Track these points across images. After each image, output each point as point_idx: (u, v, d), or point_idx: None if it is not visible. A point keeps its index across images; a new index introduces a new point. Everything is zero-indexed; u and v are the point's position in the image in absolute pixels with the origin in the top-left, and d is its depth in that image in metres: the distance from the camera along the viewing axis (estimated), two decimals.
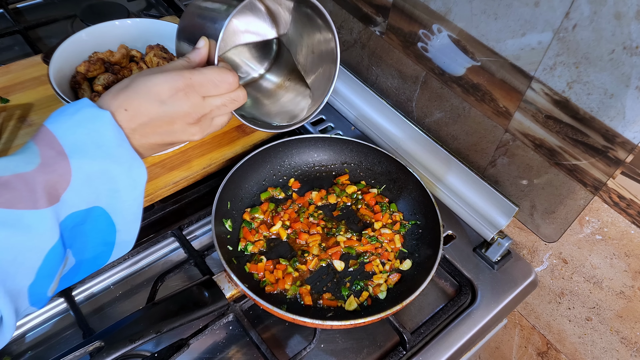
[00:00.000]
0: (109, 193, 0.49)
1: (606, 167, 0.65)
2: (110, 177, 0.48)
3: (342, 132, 0.99)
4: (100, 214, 0.49)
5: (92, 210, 0.48)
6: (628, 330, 0.76)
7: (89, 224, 0.49)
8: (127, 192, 0.50)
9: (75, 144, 0.46)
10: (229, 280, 0.65)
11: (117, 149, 0.48)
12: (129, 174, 0.49)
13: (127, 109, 0.50)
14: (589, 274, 0.77)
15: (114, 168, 0.48)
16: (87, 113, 0.48)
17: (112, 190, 0.49)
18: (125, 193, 0.50)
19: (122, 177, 0.49)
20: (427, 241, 0.76)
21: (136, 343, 0.57)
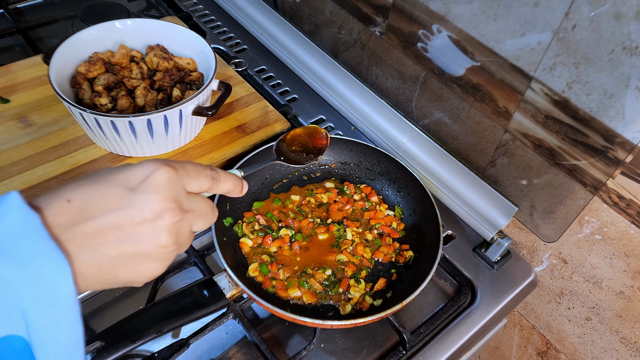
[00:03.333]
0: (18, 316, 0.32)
1: (606, 167, 0.65)
2: (8, 285, 0.31)
3: (342, 132, 0.99)
4: (19, 344, 0.32)
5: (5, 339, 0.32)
6: (628, 330, 0.76)
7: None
8: (40, 310, 0.32)
9: None
10: (229, 280, 0.65)
11: (15, 242, 0.31)
12: (38, 281, 0.31)
13: (71, 200, 0.35)
14: (588, 273, 0.77)
15: (11, 272, 0.31)
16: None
17: (14, 306, 0.31)
18: (37, 311, 0.32)
19: (22, 285, 0.31)
20: (426, 241, 0.76)
21: (136, 343, 0.57)
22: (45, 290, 0.32)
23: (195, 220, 0.42)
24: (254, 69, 1.09)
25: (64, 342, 0.33)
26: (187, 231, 0.41)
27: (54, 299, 0.32)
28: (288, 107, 1.00)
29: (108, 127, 0.73)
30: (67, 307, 0.33)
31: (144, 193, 0.37)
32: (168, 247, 0.39)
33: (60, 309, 0.33)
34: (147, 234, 0.37)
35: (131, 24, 0.87)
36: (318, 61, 1.05)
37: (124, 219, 0.36)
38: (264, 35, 1.15)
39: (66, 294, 0.33)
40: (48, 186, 0.74)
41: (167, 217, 0.38)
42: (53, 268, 0.32)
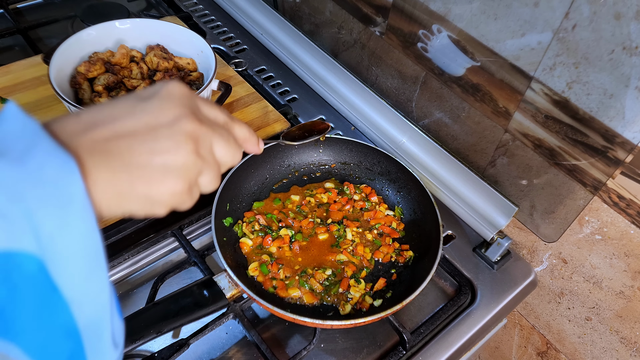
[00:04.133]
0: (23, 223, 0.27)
1: (606, 167, 0.65)
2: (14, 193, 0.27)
3: (342, 132, 0.99)
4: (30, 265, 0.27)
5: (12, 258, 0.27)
6: (628, 330, 0.76)
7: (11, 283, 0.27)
8: (48, 211, 0.27)
9: None
10: (229, 280, 0.65)
11: (13, 142, 0.28)
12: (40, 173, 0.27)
13: (80, 114, 0.33)
14: (588, 273, 0.77)
15: (8, 170, 0.27)
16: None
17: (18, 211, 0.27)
18: (45, 212, 0.27)
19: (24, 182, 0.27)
20: (426, 241, 0.76)
21: (136, 343, 0.57)
22: (50, 188, 0.27)
23: (216, 140, 0.38)
24: (254, 69, 1.09)
25: (82, 252, 0.29)
26: (208, 146, 0.37)
27: (62, 197, 0.28)
28: (288, 107, 1.00)
29: None
30: (78, 208, 0.28)
31: (158, 100, 0.35)
32: (188, 155, 0.35)
33: (71, 210, 0.28)
34: (164, 138, 0.34)
35: (131, 24, 0.87)
36: (318, 61, 1.05)
37: (138, 124, 0.33)
38: (264, 35, 1.15)
39: (75, 191, 0.28)
40: None
41: (185, 122, 0.35)
42: (57, 164, 0.28)
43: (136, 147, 0.33)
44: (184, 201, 0.36)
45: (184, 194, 0.36)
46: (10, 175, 0.27)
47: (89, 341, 0.31)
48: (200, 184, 0.38)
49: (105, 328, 0.32)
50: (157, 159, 0.33)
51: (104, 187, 0.31)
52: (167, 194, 0.34)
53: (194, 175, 0.36)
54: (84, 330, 0.30)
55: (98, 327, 0.31)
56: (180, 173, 0.34)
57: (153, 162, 0.33)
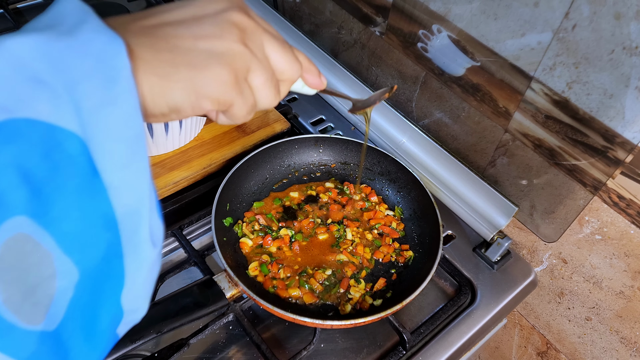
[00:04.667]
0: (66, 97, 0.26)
1: (606, 167, 0.65)
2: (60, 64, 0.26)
3: (342, 132, 0.99)
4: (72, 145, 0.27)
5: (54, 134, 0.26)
6: (628, 330, 0.76)
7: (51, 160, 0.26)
8: (93, 85, 0.27)
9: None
10: (229, 280, 0.65)
11: (63, 19, 0.28)
12: (87, 47, 0.27)
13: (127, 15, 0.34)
14: (588, 273, 0.77)
15: (52, 38, 0.26)
16: None
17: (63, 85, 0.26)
18: (89, 86, 0.27)
19: (71, 53, 0.26)
20: (426, 241, 0.77)
21: (136, 343, 0.57)
22: (96, 61, 0.27)
23: (268, 39, 0.37)
24: None
25: (124, 134, 0.28)
26: (258, 42, 0.36)
27: (107, 72, 0.27)
28: (288, 107, 1.00)
29: None
30: (123, 85, 0.28)
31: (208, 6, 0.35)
32: (233, 42, 0.34)
33: (115, 86, 0.27)
34: (209, 24, 0.34)
35: None
36: (318, 61, 1.05)
37: (185, 14, 0.34)
38: None
39: (120, 67, 0.28)
40: None
41: (232, 13, 0.35)
42: (104, 41, 0.28)
43: (181, 32, 0.33)
44: (232, 99, 0.35)
45: (231, 88, 0.34)
46: (56, 46, 0.26)
47: (126, 233, 0.30)
48: (252, 84, 0.36)
49: (143, 221, 0.30)
50: (201, 43, 0.33)
51: (148, 68, 0.31)
52: (212, 81, 0.33)
53: (241, 67, 0.35)
54: (121, 220, 0.29)
55: (136, 218, 0.30)
56: (224, 59, 0.33)
57: (197, 46, 0.33)
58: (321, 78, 0.44)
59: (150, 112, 0.32)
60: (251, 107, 0.37)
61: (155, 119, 0.33)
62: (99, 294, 0.30)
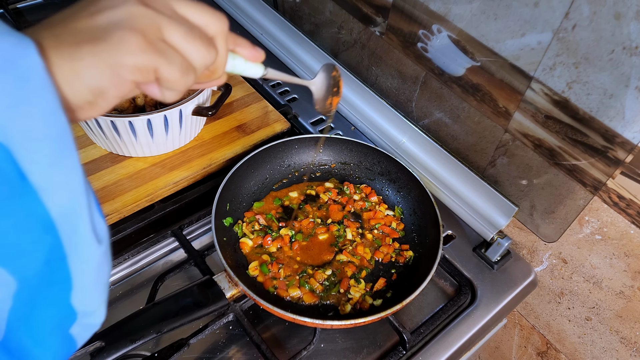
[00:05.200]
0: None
1: (606, 167, 0.65)
2: None
3: (342, 132, 0.99)
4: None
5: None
6: (628, 330, 0.76)
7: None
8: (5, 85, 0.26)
9: None
10: (229, 280, 0.65)
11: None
12: None
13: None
14: (588, 273, 0.77)
15: None
16: None
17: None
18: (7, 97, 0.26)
19: None
20: (426, 241, 0.77)
21: (136, 343, 0.57)
22: (4, 62, 0.26)
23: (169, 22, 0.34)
24: None
25: (45, 133, 0.27)
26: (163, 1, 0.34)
27: (18, 71, 0.26)
28: (288, 107, 1.00)
29: (108, 127, 0.73)
30: (36, 82, 0.27)
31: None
32: (134, 6, 0.32)
33: (28, 84, 0.26)
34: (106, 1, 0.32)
35: None
36: (318, 61, 1.05)
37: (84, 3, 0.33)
38: (264, 35, 1.15)
39: (31, 64, 0.27)
40: None
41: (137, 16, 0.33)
42: (13, 42, 0.27)
43: (79, 14, 0.32)
44: (152, 61, 0.32)
45: (145, 50, 0.32)
46: None
47: (66, 234, 0.29)
48: (170, 41, 0.34)
49: (82, 219, 0.29)
50: (99, 17, 0.32)
51: (55, 57, 0.30)
52: (120, 49, 0.31)
53: (147, 26, 0.32)
54: (59, 221, 0.28)
55: (74, 217, 0.29)
56: (126, 23, 0.32)
57: (96, 21, 0.32)
58: (255, 48, 0.43)
59: (75, 104, 0.31)
60: (182, 66, 0.34)
61: (85, 111, 0.32)
62: (44, 298, 0.29)
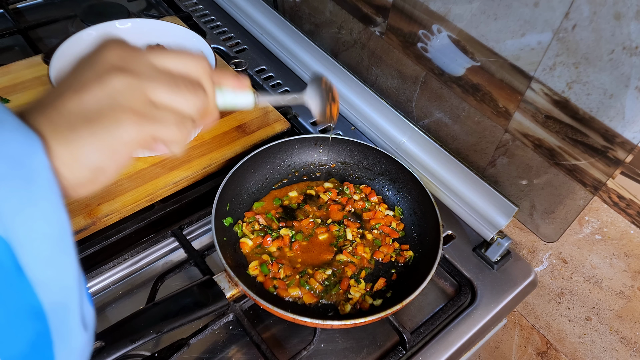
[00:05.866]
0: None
1: (606, 167, 0.65)
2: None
3: (342, 132, 0.99)
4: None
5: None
6: (628, 330, 0.76)
7: None
8: (12, 187, 0.27)
9: None
10: (229, 280, 0.65)
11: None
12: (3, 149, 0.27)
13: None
14: (588, 273, 0.77)
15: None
16: None
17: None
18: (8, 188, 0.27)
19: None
20: (426, 241, 0.76)
21: (136, 343, 0.57)
22: (14, 165, 0.27)
23: (151, 52, 0.36)
24: (254, 69, 1.09)
25: (47, 232, 0.29)
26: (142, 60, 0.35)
27: (26, 173, 0.28)
28: (288, 107, 1.00)
29: None
30: (42, 184, 0.28)
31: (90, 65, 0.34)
32: (114, 79, 0.33)
33: (35, 186, 0.28)
34: (87, 73, 0.33)
35: (131, 24, 0.87)
36: (318, 61, 1.05)
37: (69, 75, 0.34)
38: (264, 35, 1.15)
39: (38, 165, 0.28)
40: None
41: (103, 50, 0.34)
42: (21, 140, 0.28)
43: (67, 94, 0.32)
44: (148, 130, 0.33)
45: (137, 121, 0.33)
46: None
47: (55, 323, 0.30)
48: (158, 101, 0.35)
49: (73, 309, 0.30)
50: (86, 96, 0.32)
51: (54, 144, 0.30)
52: (114, 127, 0.32)
53: (133, 96, 0.33)
54: (49, 311, 0.29)
55: (65, 308, 0.30)
56: (113, 100, 0.32)
57: (84, 100, 0.32)
58: (239, 77, 0.43)
59: (75, 183, 0.32)
60: (177, 122, 0.35)
61: (85, 187, 0.33)
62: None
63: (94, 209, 0.73)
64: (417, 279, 0.69)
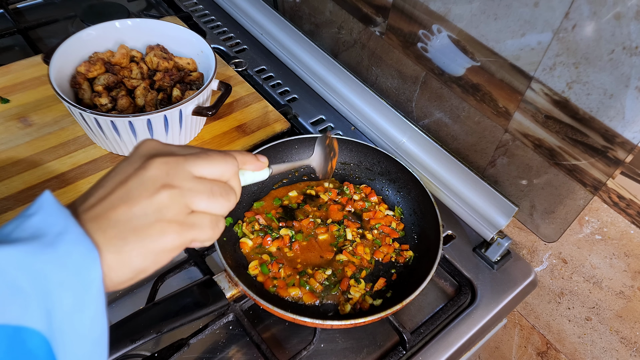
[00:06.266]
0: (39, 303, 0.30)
1: (606, 167, 0.65)
2: (39, 275, 0.30)
3: (342, 132, 0.99)
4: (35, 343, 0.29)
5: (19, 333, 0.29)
6: (628, 330, 0.76)
7: None
8: (67, 294, 0.30)
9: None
10: (229, 280, 0.65)
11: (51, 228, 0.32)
12: (67, 258, 0.31)
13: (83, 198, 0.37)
14: (588, 273, 0.77)
15: (41, 255, 0.30)
16: None
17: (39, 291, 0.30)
18: (63, 294, 0.30)
19: (52, 264, 0.30)
20: (426, 241, 0.76)
21: (136, 343, 0.57)
22: (74, 274, 0.31)
23: (190, 163, 0.39)
24: (254, 69, 1.09)
25: (88, 333, 0.32)
26: (184, 173, 0.38)
27: (83, 283, 0.31)
28: (288, 107, 1.00)
29: (108, 127, 0.73)
30: (94, 293, 0.32)
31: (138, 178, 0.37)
32: (162, 195, 0.36)
33: (87, 294, 0.31)
34: (135, 186, 0.36)
35: (131, 24, 0.87)
36: (318, 61, 1.05)
37: (113, 183, 0.37)
38: (264, 35, 1.15)
39: (94, 277, 0.32)
40: (48, 186, 0.74)
41: (148, 166, 0.37)
42: (83, 252, 0.32)
43: (116, 203, 0.36)
44: (188, 237, 0.38)
45: (180, 231, 0.37)
46: (38, 259, 0.30)
47: None
48: (199, 209, 0.39)
49: None
50: (136, 209, 0.36)
51: (103, 251, 0.34)
52: (160, 237, 0.36)
53: (178, 210, 0.37)
54: None
55: None
56: (161, 214, 0.36)
57: (133, 212, 0.36)
58: (259, 159, 0.48)
59: (117, 282, 0.35)
60: (212, 224, 0.40)
61: (124, 284, 0.36)
62: None
63: None
64: (417, 279, 0.69)
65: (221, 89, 0.83)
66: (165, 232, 0.36)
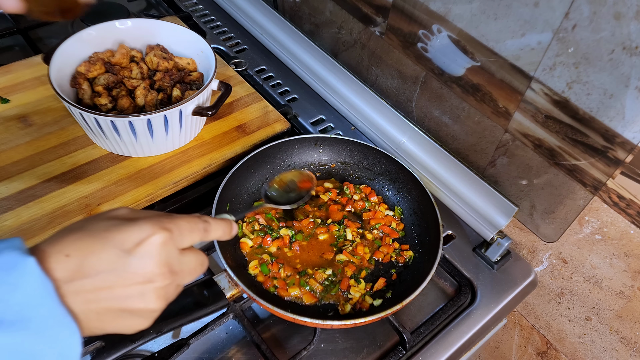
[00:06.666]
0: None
1: (606, 167, 0.65)
2: (26, 354, 0.34)
3: (342, 132, 0.99)
4: None
5: None
6: (628, 330, 0.76)
7: None
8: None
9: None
10: (229, 280, 0.65)
11: (37, 311, 0.34)
12: (54, 348, 0.35)
13: (70, 255, 0.37)
14: (588, 273, 0.77)
15: (30, 340, 0.34)
16: (5, 259, 0.34)
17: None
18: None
19: (43, 353, 0.34)
20: (426, 241, 0.76)
21: (136, 343, 0.57)
22: (58, 353, 0.35)
23: (183, 279, 0.44)
24: (254, 69, 1.09)
25: None
26: (173, 291, 0.44)
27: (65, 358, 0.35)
28: (288, 107, 1.00)
29: (108, 127, 0.73)
30: None
31: (139, 258, 0.39)
32: (155, 309, 0.41)
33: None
34: (136, 296, 0.39)
35: (131, 24, 0.87)
36: (318, 61, 1.05)
37: (116, 280, 0.38)
38: (264, 35, 1.15)
39: (75, 356, 0.36)
40: (47, 186, 0.74)
41: (158, 281, 0.40)
42: (67, 334, 0.36)
43: (111, 300, 0.39)
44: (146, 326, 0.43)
45: (148, 324, 0.42)
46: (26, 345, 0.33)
47: None
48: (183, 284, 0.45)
49: None
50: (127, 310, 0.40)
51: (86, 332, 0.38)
52: (133, 330, 0.41)
53: (158, 314, 0.43)
54: None
55: None
56: (145, 317, 0.42)
57: (124, 312, 0.40)
58: (232, 232, 0.52)
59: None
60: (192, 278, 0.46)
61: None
62: None
63: (94, 209, 0.73)
64: (417, 279, 0.69)
65: (221, 89, 0.83)
66: (139, 326, 0.42)
